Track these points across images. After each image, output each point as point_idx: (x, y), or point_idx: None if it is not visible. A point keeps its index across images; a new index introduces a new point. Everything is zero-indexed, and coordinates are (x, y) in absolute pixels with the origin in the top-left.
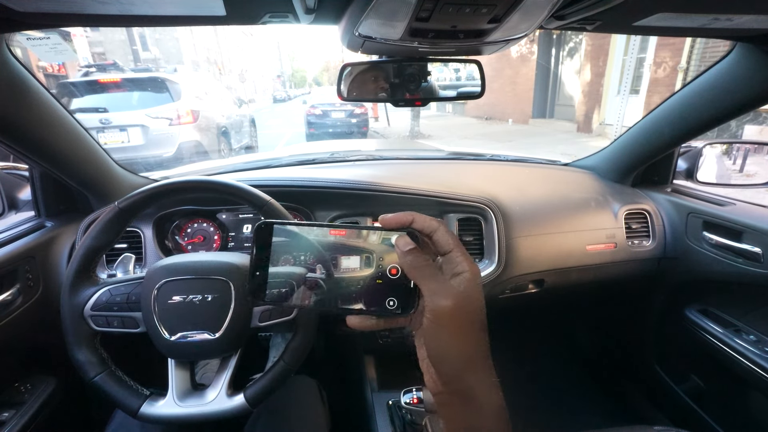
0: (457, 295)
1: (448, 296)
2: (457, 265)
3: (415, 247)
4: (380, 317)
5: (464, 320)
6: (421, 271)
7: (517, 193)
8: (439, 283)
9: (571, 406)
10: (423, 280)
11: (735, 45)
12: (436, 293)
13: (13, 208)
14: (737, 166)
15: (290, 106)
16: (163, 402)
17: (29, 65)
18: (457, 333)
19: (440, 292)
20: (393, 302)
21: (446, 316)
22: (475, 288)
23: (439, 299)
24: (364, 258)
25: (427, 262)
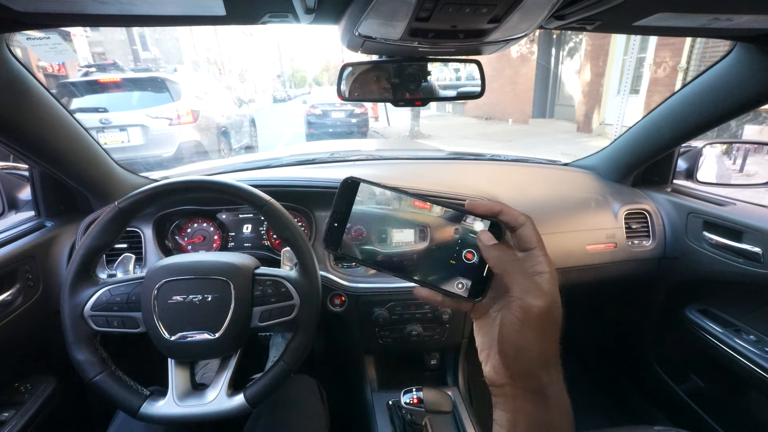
0: (547, 296)
1: (540, 296)
2: (537, 264)
3: (499, 242)
4: (446, 296)
5: (549, 321)
6: (511, 266)
7: (517, 193)
8: (529, 281)
9: (571, 406)
10: (513, 277)
11: (735, 45)
12: (528, 292)
13: (13, 208)
14: (737, 166)
15: (290, 106)
16: (163, 402)
17: (29, 65)
18: (541, 332)
19: (532, 291)
20: (462, 285)
21: (535, 315)
22: (556, 289)
23: (532, 298)
24: (446, 239)
25: (517, 258)
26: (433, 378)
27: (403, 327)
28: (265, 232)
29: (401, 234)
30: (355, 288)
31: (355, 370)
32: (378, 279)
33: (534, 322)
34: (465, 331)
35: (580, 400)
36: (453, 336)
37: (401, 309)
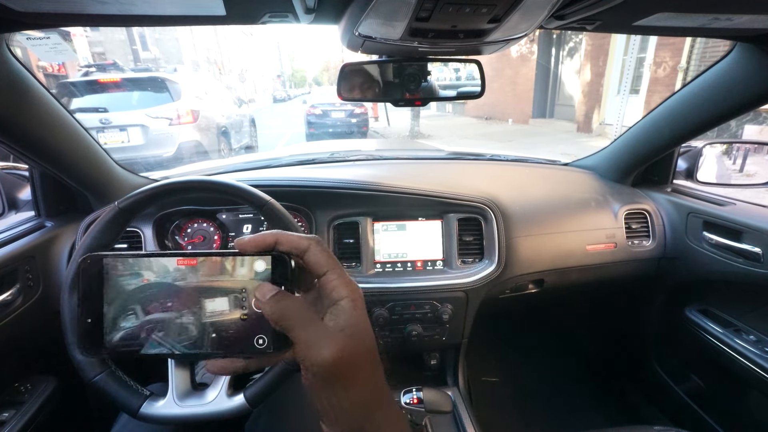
0: (338, 340)
1: (327, 345)
2: (333, 290)
3: (277, 292)
4: (248, 358)
5: (352, 365)
6: (288, 318)
7: (517, 193)
8: (312, 331)
9: (571, 406)
10: (293, 331)
11: (735, 45)
12: (311, 346)
13: (13, 208)
14: (737, 166)
15: (290, 106)
16: (163, 402)
17: (29, 65)
18: (346, 383)
19: (316, 343)
20: (263, 340)
21: (328, 370)
22: (359, 317)
23: (316, 352)
24: (230, 291)
25: (295, 305)
26: (433, 378)
27: (403, 327)
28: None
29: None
30: None
31: None
32: (378, 279)
33: (330, 377)
34: (465, 331)
35: (580, 400)
36: (453, 336)
37: (401, 309)
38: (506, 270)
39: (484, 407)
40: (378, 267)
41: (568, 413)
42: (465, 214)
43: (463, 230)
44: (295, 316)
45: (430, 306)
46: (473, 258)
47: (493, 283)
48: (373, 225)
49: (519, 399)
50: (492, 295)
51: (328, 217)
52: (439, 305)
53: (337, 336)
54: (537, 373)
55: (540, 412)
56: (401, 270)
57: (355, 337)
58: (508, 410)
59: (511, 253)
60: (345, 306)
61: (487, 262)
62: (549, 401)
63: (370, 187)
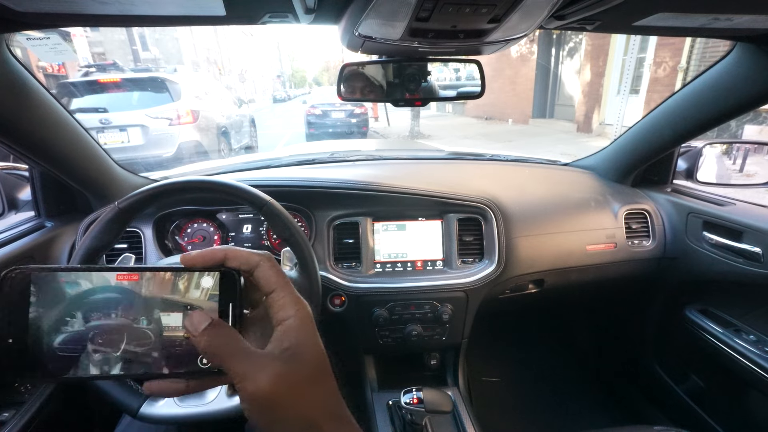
0: (275, 368)
1: (262, 375)
2: (280, 309)
3: (209, 323)
4: (190, 379)
5: (292, 390)
6: (220, 354)
7: (517, 193)
8: (246, 363)
9: (572, 406)
10: (226, 364)
11: (735, 45)
12: (245, 377)
13: (13, 208)
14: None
15: (290, 106)
16: (163, 402)
17: (29, 65)
18: (286, 410)
19: (251, 375)
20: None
21: (265, 399)
22: (306, 336)
23: (252, 384)
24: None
25: (227, 338)
26: (433, 378)
27: (403, 327)
28: (265, 232)
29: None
30: (355, 288)
31: (355, 370)
32: (378, 279)
33: (270, 407)
34: (465, 331)
35: (580, 400)
36: (453, 336)
37: (401, 309)
38: (506, 270)
39: (484, 407)
40: (378, 267)
41: (568, 413)
42: (465, 214)
43: (463, 230)
44: (228, 351)
45: (430, 306)
46: (473, 258)
47: (493, 283)
48: (373, 225)
49: (519, 399)
50: (492, 295)
51: (328, 217)
52: (439, 305)
53: (274, 363)
54: (537, 373)
55: (540, 412)
56: (401, 270)
57: (297, 359)
58: (508, 410)
59: (511, 253)
60: (291, 325)
61: (487, 262)
62: (549, 401)
63: (370, 187)
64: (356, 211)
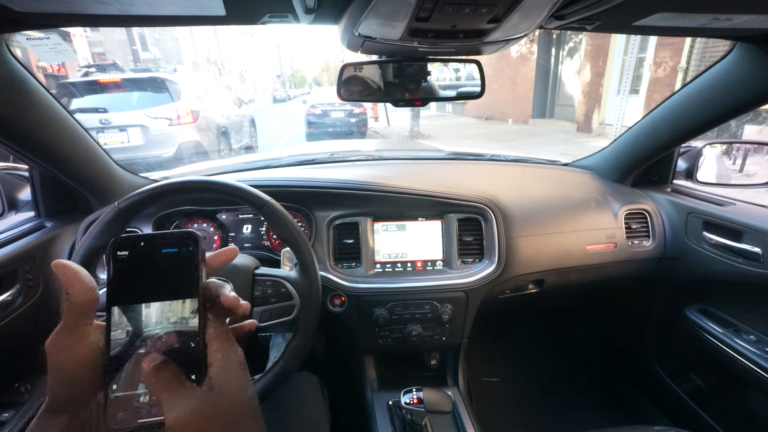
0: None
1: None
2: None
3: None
4: None
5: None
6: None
7: (517, 193)
8: (176, 394)
9: (571, 406)
10: (160, 398)
11: (735, 45)
12: (170, 408)
13: (13, 208)
14: (737, 166)
15: (290, 106)
16: None
17: (29, 65)
18: None
19: (174, 405)
20: None
21: None
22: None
23: (173, 413)
24: None
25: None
26: (433, 378)
27: (403, 327)
28: (265, 232)
29: None
30: (355, 288)
31: (355, 371)
32: (378, 279)
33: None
34: (465, 331)
35: (580, 400)
36: (453, 336)
37: (401, 309)
38: (506, 270)
39: (484, 407)
40: (378, 267)
41: (568, 413)
42: (465, 214)
43: (463, 230)
44: (165, 383)
45: (430, 306)
46: (473, 258)
47: (493, 283)
48: (373, 225)
49: (519, 399)
50: (492, 295)
51: (328, 217)
52: (439, 305)
53: (198, 398)
54: (537, 373)
55: (540, 412)
56: (401, 270)
57: (220, 399)
58: (508, 410)
59: (511, 253)
60: (217, 366)
61: (487, 262)
62: (549, 401)
63: (370, 188)
64: (356, 211)
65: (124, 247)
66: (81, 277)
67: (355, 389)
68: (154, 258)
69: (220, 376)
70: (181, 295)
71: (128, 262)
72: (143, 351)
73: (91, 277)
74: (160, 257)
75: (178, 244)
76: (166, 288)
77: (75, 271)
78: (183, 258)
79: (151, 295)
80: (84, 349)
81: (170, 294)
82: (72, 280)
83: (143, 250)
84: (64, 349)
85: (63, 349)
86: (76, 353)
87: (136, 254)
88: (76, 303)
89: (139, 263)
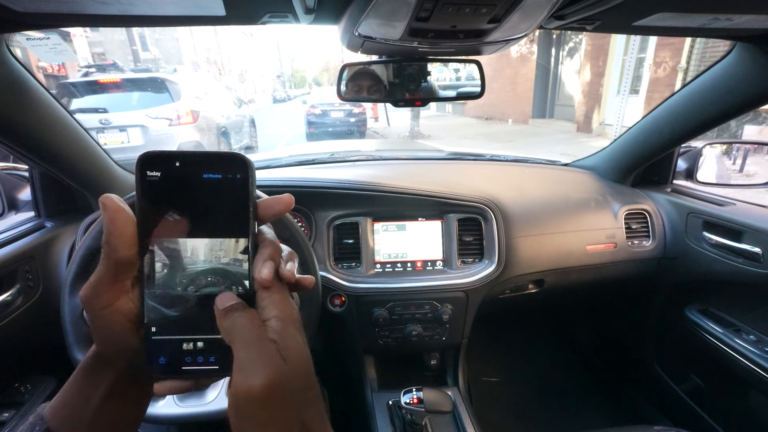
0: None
1: (256, 371)
2: (263, 309)
3: (231, 304)
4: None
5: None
6: (233, 335)
7: (517, 193)
8: (250, 351)
9: (571, 406)
10: (234, 349)
11: (735, 45)
12: (242, 368)
13: (13, 208)
14: (737, 166)
15: (290, 106)
16: (164, 402)
17: (29, 65)
18: (269, 417)
19: (248, 367)
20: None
21: (252, 401)
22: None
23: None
24: None
25: (243, 321)
26: (433, 378)
27: (403, 327)
28: None
29: None
30: (355, 288)
31: (355, 371)
32: (378, 279)
33: (248, 408)
34: (465, 331)
35: (580, 400)
36: (453, 336)
37: (401, 309)
38: (506, 270)
39: (484, 407)
40: (378, 267)
41: (568, 413)
42: (465, 214)
43: (463, 230)
44: (240, 333)
45: (430, 306)
46: (473, 258)
47: (493, 283)
48: (373, 225)
49: (519, 399)
50: (492, 295)
51: (328, 218)
52: (439, 305)
53: (264, 367)
54: (537, 373)
55: (540, 412)
56: (401, 270)
57: (289, 362)
58: (508, 410)
59: (511, 253)
60: (272, 326)
61: (487, 262)
62: (549, 401)
63: (370, 188)
64: (356, 211)
65: (155, 166)
66: (131, 226)
67: (355, 389)
68: (192, 184)
69: (274, 336)
70: (230, 234)
71: (161, 185)
72: (193, 291)
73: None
74: (200, 183)
75: (223, 168)
76: (210, 222)
77: (126, 218)
78: (229, 186)
79: (194, 229)
80: (129, 303)
81: (216, 230)
82: (120, 228)
83: (179, 171)
84: (106, 305)
85: (104, 305)
86: (119, 310)
87: (171, 176)
88: (119, 258)
89: (174, 188)
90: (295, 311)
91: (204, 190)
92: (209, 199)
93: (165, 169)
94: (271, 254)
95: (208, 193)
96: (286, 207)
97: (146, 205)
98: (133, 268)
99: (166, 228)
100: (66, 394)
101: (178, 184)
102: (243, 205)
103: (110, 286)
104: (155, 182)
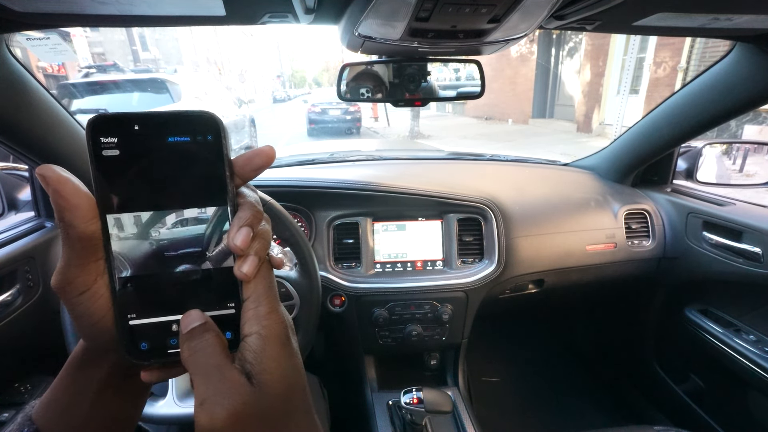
0: (239, 396)
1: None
2: (245, 321)
3: (197, 326)
4: None
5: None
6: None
7: (517, 193)
8: (211, 383)
9: (571, 406)
10: (194, 382)
11: (735, 45)
12: (204, 401)
13: (13, 208)
14: (737, 166)
15: (290, 106)
16: (163, 402)
17: (29, 65)
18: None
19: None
20: None
21: None
22: (268, 360)
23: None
24: None
25: (205, 348)
26: (433, 378)
27: (403, 327)
28: None
29: None
30: (355, 288)
31: (355, 370)
32: (378, 279)
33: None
34: (465, 331)
35: (580, 400)
36: (453, 336)
37: (401, 309)
38: (506, 270)
39: (484, 407)
40: (378, 267)
41: (568, 413)
42: (465, 214)
43: (463, 230)
44: (198, 363)
45: (430, 306)
46: (473, 258)
47: (493, 283)
48: (372, 225)
49: (519, 399)
50: (492, 295)
51: (328, 217)
52: (439, 305)
53: (240, 390)
54: (537, 373)
55: (540, 411)
56: (401, 270)
57: (260, 387)
58: (508, 410)
59: (511, 253)
60: (251, 344)
61: (487, 262)
62: (549, 401)
63: (370, 188)
64: (356, 211)
65: (110, 132)
66: (84, 197)
67: (355, 389)
68: (156, 149)
69: (251, 356)
70: (205, 202)
71: (119, 154)
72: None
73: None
74: (165, 148)
75: (191, 130)
76: (181, 192)
77: (75, 188)
78: (199, 150)
79: (162, 199)
80: (107, 286)
81: (188, 200)
82: (70, 200)
83: (139, 136)
84: (81, 290)
85: (79, 291)
86: (98, 294)
87: (129, 143)
88: (80, 234)
89: (135, 156)
90: (282, 326)
91: (170, 156)
92: (178, 166)
93: (122, 135)
94: (248, 219)
95: (175, 158)
96: (268, 158)
97: (102, 177)
98: (101, 246)
99: (130, 201)
100: (55, 391)
101: (139, 150)
102: (217, 169)
103: (81, 268)
104: (111, 150)
